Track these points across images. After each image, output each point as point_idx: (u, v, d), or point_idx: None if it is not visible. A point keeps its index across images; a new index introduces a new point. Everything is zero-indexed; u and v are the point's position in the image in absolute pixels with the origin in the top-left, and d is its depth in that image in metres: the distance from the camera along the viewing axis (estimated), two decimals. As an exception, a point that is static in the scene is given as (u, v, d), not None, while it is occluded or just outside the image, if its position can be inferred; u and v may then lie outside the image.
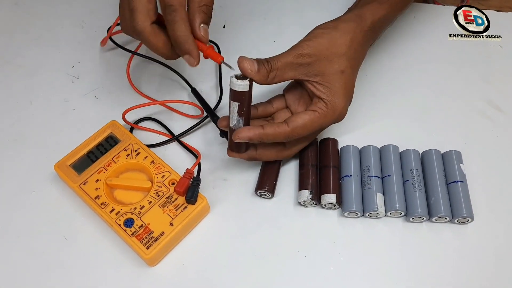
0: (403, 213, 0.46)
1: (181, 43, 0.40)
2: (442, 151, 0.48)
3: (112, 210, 0.44)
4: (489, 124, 0.53)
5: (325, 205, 0.46)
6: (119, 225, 0.43)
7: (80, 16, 0.62)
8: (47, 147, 0.51)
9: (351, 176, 0.47)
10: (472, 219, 0.45)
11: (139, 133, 0.52)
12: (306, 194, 0.46)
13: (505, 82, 0.56)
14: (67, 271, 0.44)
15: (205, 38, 0.41)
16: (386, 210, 0.45)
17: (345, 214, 0.46)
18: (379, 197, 0.45)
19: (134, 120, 0.52)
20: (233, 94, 0.41)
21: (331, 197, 0.45)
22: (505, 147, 0.51)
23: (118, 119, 0.50)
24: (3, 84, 0.56)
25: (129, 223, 0.43)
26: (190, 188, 0.44)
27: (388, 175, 0.47)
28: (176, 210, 0.44)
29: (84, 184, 0.45)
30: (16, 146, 0.51)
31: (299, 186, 0.47)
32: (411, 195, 0.46)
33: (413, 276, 0.44)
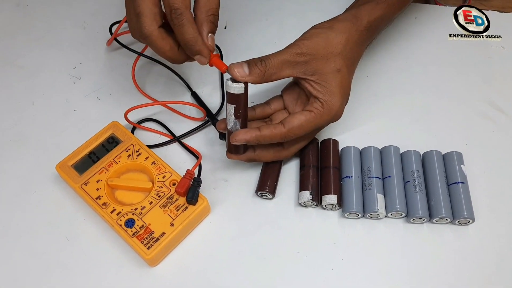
0: (404, 214, 0.46)
1: (192, 45, 0.40)
2: (443, 152, 0.48)
3: (113, 211, 0.44)
4: (491, 125, 0.53)
5: (326, 206, 0.46)
6: (120, 226, 0.43)
7: (82, 17, 0.62)
8: (49, 148, 0.51)
9: (352, 177, 0.47)
10: (473, 221, 0.45)
11: (140, 134, 0.52)
12: (307, 195, 0.46)
13: (507, 83, 0.56)
14: (68, 271, 0.44)
15: (212, 47, 0.42)
16: (387, 211, 0.45)
17: (346, 215, 0.46)
18: (380, 198, 0.45)
19: (136, 121, 0.52)
20: (229, 97, 0.41)
21: (332, 198, 0.45)
22: (507, 148, 0.51)
23: (120, 120, 0.50)
24: (5, 85, 0.56)
25: (130, 224, 0.44)
26: (191, 189, 0.44)
27: (389, 176, 0.47)
28: (177, 211, 0.44)
29: (86, 185, 0.46)
30: (18, 147, 0.51)
31: (300, 187, 0.47)
32: (412, 196, 0.45)
33: (414, 278, 0.44)
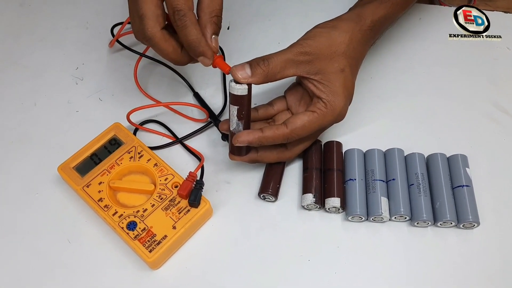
0: (408, 218, 0.45)
1: (195, 47, 0.40)
2: (448, 155, 0.48)
3: (115, 213, 0.44)
4: (496, 127, 0.52)
5: (329, 209, 0.46)
6: (122, 228, 0.43)
7: (85, 17, 0.62)
8: (51, 149, 0.51)
9: (356, 180, 0.46)
10: (478, 224, 0.44)
11: (143, 135, 0.52)
12: (310, 198, 0.45)
13: (513, 85, 0.56)
14: (70, 274, 0.44)
15: (216, 49, 0.42)
16: (391, 215, 0.45)
17: (349, 218, 0.46)
18: (384, 201, 0.45)
19: (138, 122, 0.52)
20: (232, 98, 0.41)
21: (335, 201, 0.45)
22: (512, 151, 0.51)
23: (122, 121, 0.50)
24: (8, 85, 0.56)
25: (132, 226, 0.43)
26: (193, 191, 0.44)
27: (393, 179, 0.46)
28: (179, 213, 0.44)
29: (87, 187, 0.45)
30: (20, 148, 0.51)
31: (303, 190, 0.46)
32: (416, 200, 0.45)
33: (418, 282, 0.43)
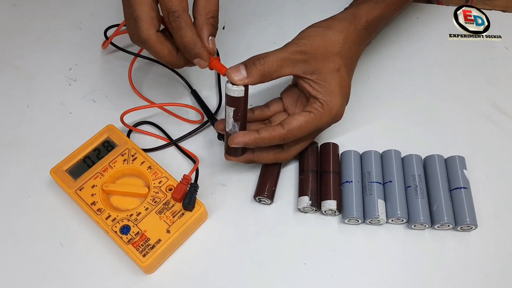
0: (405, 220, 0.45)
1: (191, 48, 0.40)
2: (445, 156, 0.47)
3: (108, 217, 0.43)
4: (494, 128, 0.52)
5: (325, 212, 0.46)
6: (115, 232, 0.43)
7: (78, 18, 0.61)
8: (43, 152, 0.50)
9: (352, 182, 0.46)
10: (476, 227, 0.44)
11: (136, 137, 0.51)
12: (306, 200, 0.45)
13: (511, 85, 0.55)
14: (63, 278, 0.43)
15: (213, 50, 0.41)
16: (388, 217, 0.45)
17: (346, 221, 0.45)
18: (381, 204, 0.45)
19: (132, 123, 0.51)
20: (228, 100, 0.41)
21: (331, 204, 0.45)
22: (511, 152, 0.50)
23: (115, 123, 0.49)
24: (0, 87, 0.55)
25: (125, 230, 0.43)
26: (188, 195, 0.44)
27: (390, 181, 0.46)
28: (173, 217, 0.43)
29: (80, 190, 0.45)
30: (12, 150, 0.51)
31: (299, 192, 0.46)
32: (413, 202, 0.45)
33: (415, 285, 0.43)
